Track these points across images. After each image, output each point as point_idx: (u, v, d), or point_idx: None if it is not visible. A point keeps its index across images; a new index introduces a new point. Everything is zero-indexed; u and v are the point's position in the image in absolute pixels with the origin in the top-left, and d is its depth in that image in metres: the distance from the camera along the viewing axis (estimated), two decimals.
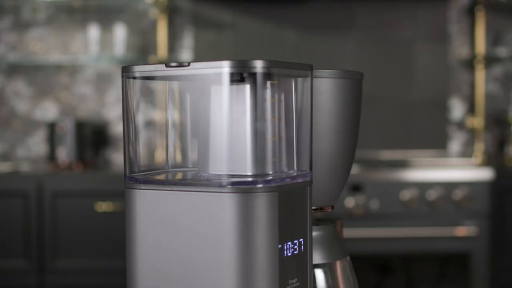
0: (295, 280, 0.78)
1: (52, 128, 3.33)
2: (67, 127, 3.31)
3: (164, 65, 0.76)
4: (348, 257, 0.97)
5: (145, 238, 0.78)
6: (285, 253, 0.76)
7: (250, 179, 0.74)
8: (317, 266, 0.93)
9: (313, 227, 0.92)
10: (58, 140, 3.31)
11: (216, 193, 0.73)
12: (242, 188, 0.73)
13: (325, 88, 0.89)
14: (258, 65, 0.73)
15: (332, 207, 0.95)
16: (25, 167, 3.40)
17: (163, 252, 0.77)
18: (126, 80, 0.79)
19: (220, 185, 0.73)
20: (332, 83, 0.90)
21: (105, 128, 3.60)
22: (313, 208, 0.92)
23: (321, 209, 0.94)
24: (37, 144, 3.61)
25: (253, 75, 0.75)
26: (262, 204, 0.73)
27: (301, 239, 0.78)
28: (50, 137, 3.34)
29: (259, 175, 0.76)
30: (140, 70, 0.78)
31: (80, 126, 3.35)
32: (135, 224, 0.79)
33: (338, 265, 0.95)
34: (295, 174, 0.79)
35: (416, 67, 3.60)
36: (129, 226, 0.79)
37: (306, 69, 0.80)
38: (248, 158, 0.76)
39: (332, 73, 0.90)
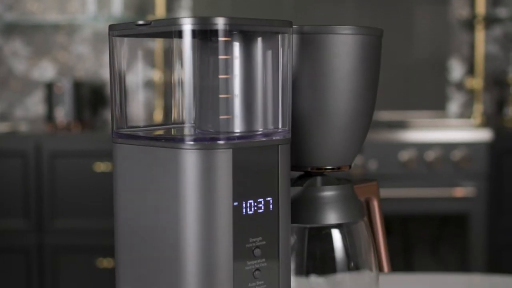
0: (259, 238, 0.79)
1: (50, 88, 3.31)
2: (65, 87, 3.30)
3: (134, 24, 0.78)
4: (365, 218, 0.96)
5: (123, 191, 0.81)
6: (244, 211, 0.77)
7: (212, 135, 0.76)
8: (333, 226, 0.92)
9: (329, 187, 0.92)
10: (56, 100, 3.30)
11: (176, 149, 0.75)
12: (196, 144, 0.75)
13: (343, 45, 0.87)
14: (220, 22, 0.73)
15: (350, 166, 0.94)
16: (23, 127, 3.39)
17: (135, 206, 0.80)
18: (111, 38, 0.81)
19: (181, 141, 0.75)
20: (351, 40, 0.88)
21: (103, 88, 3.59)
22: (329, 167, 0.92)
23: (339, 168, 0.93)
24: (35, 104, 3.61)
25: (242, 33, 0.77)
26: (215, 161, 0.75)
27: (268, 198, 0.79)
28: (48, 97, 3.33)
29: (224, 132, 0.77)
30: (117, 28, 0.81)
31: (78, 86, 3.34)
32: (116, 177, 0.82)
33: (355, 226, 0.94)
34: (274, 132, 0.80)
35: (416, 28, 3.58)
36: (114, 180, 0.82)
37: (284, 25, 0.79)
38: (212, 114, 0.79)
39: (350, 29, 0.87)
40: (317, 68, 0.88)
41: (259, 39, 0.79)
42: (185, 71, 0.74)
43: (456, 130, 3.10)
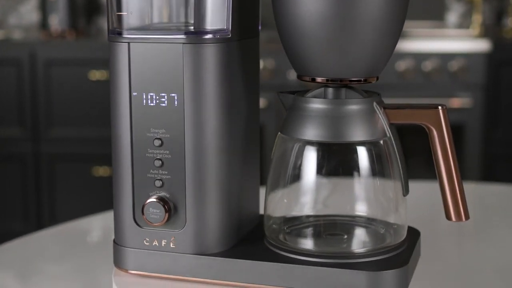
0: (162, 131, 0.86)
1: None
2: None
3: None
4: (388, 136, 0.89)
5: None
6: (145, 102, 0.86)
7: (119, 30, 0.88)
8: (359, 144, 0.87)
9: (354, 100, 0.86)
10: (50, 8, 3.26)
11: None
12: (111, 37, 0.88)
13: None
14: None
15: (377, 78, 0.87)
16: (17, 35, 3.36)
17: None
18: None
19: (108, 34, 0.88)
20: None
21: None
22: (354, 79, 0.85)
23: (365, 80, 0.86)
24: (29, 12, 3.56)
25: None
26: (116, 54, 0.88)
27: (173, 94, 0.84)
28: (42, 5, 3.28)
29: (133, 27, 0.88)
30: None
31: None
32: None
33: (381, 143, 0.88)
34: (181, 30, 0.85)
35: None
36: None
37: None
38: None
39: None
40: None
41: None
42: None
43: (454, 40, 3.07)
